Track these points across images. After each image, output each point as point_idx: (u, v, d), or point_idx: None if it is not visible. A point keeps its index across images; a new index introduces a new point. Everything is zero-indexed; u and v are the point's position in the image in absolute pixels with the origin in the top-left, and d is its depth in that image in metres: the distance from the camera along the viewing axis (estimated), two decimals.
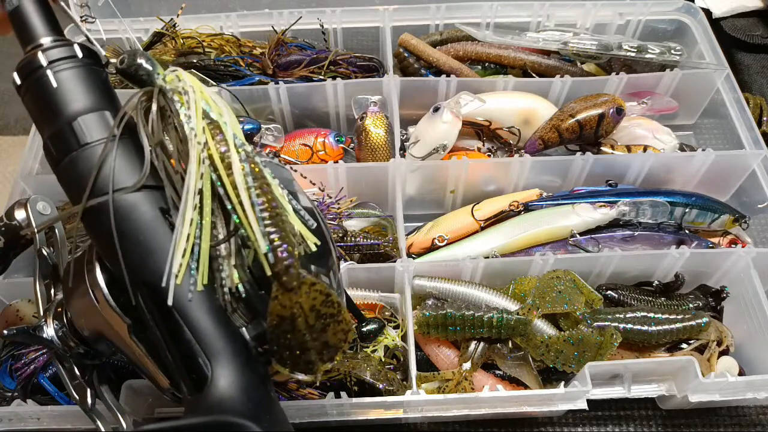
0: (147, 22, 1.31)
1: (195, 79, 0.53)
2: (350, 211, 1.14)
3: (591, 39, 1.29)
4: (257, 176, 0.50)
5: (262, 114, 1.28)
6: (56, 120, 0.54)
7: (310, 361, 0.53)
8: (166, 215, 0.53)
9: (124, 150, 0.53)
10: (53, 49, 0.55)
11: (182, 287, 0.50)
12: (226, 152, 0.50)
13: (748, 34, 1.44)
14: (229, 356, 0.52)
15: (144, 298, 0.52)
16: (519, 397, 0.89)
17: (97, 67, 0.57)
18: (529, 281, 1.00)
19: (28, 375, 0.95)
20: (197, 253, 0.50)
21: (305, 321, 0.51)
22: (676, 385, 0.92)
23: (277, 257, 0.48)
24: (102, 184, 0.52)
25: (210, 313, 0.52)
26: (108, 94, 0.57)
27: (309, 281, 0.50)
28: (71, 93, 0.55)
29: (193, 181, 0.50)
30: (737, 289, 1.02)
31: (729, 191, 1.21)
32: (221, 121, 0.51)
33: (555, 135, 1.17)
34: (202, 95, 0.52)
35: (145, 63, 0.52)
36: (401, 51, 1.32)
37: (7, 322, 1.02)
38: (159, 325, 0.52)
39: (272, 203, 0.50)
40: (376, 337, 0.99)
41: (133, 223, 0.52)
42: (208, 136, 0.50)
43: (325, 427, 0.98)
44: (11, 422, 0.89)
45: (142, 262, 0.52)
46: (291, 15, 1.29)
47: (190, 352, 0.52)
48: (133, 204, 0.52)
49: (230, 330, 0.53)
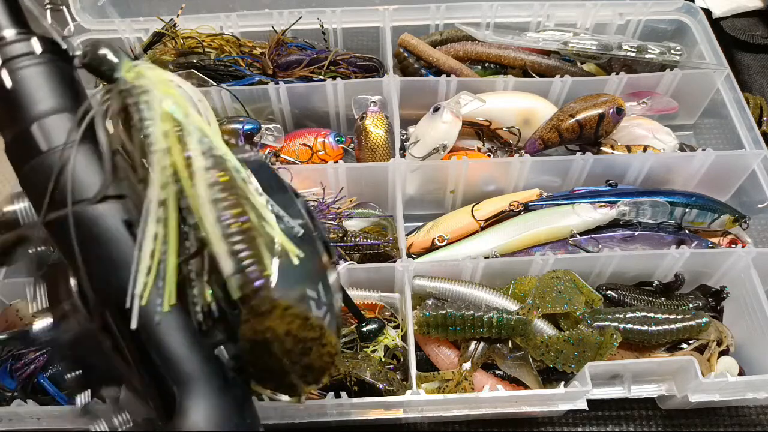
0: (147, 22, 1.31)
1: (162, 73, 0.47)
2: (350, 211, 1.14)
3: (591, 39, 1.29)
4: (225, 186, 0.46)
5: (262, 114, 1.28)
6: (14, 124, 0.49)
7: (292, 383, 0.49)
8: (131, 228, 0.48)
9: (89, 156, 0.49)
10: (11, 44, 0.50)
11: (149, 308, 0.46)
12: (190, 158, 0.45)
13: (748, 34, 1.44)
14: (201, 382, 0.47)
15: (113, 317, 0.48)
16: (519, 397, 0.89)
17: (61, 63, 0.51)
18: (529, 281, 1.00)
19: (28, 375, 0.95)
20: (164, 270, 0.46)
21: (281, 345, 0.47)
22: (676, 385, 0.92)
23: (245, 279, 0.45)
24: (64, 194, 0.47)
25: (180, 334, 0.48)
26: (73, 92, 0.51)
27: (282, 305, 0.46)
28: (29, 94, 0.49)
29: (155, 191, 0.45)
30: (737, 289, 1.02)
31: (729, 191, 1.21)
32: (186, 122, 0.46)
33: (555, 135, 1.17)
34: (167, 92, 0.46)
35: (110, 55, 0.47)
36: (401, 51, 1.32)
37: (7, 322, 1.02)
38: (129, 346, 0.48)
39: (241, 217, 0.45)
40: (376, 337, 0.99)
41: (95, 238, 0.47)
42: (171, 141, 0.45)
43: (325, 427, 0.98)
44: (11, 422, 0.89)
45: (106, 279, 0.48)
46: (291, 15, 1.29)
47: (158, 377, 0.48)
48: (95, 216, 0.47)
49: (204, 352, 0.48)
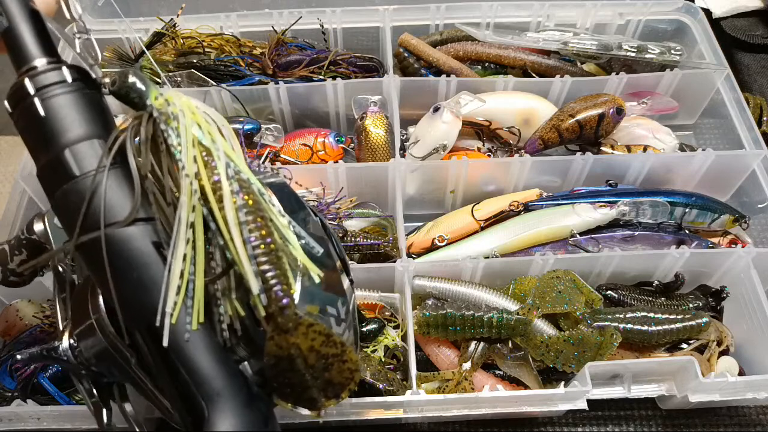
0: (147, 22, 1.31)
1: (188, 101, 0.49)
2: (350, 211, 1.14)
3: (591, 39, 1.29)
4: (252, 209, 0.48)
5: (262, 114, 1.28)
6: (46, 150, 0.51)
7: (313, 398, 0.52)
8: (160, 249, 0.50)
9: (119, 180, 0.50)
10: (43, 74, 0.51)
11: (178, 326, 0.48)
12: (218, 183, 0.47)
13: (748, 34, 1.44)
14: (228, 397, 0.49)
15: (143, 335, 0.50)
16: (519, 397, 0.89)
17: (89, 90, 0.53)
18: (529, 281, 1.00)
19: (28, 375, 0.95)
20: (192, 290, 0.48)
21: (304, 361, 0.49)
22: (676, 385, 0.92)
23: (271, 298, 0.47)
24: (95, 217, 0.49)
25: (208, 351, 0.50)
26: (102, 119, 0.53)
27: (306, 322, 0.48)
28: (61, 121, 0.51)
29: (184, 214, 0.47)
30: (737, 289, 1.02)
31: (729, 191, 1.21)
32: (213, 148, 0.48)
33: (555, 135, 1.17)
34: (195, 118, 0.49)
35: (138, 83, 0.49)
36: (401, 51, 1.32)
37: (7, 322, 1.03)
38: (158, 363, 0.50)
39: (267, 239, 0.47)
40: (376, 337, 0.99)
41: (126, 260, 0.49)
42: (200, 166, 0.48)
43: (325, 427, 0.98)
44: (11, 422, 0.89)
45: (137, 299, 0.49)
46: (291, 15, 1.29)
47: (188, 393, 0.50)
48: (125, 239, 0.49)
49: (230, 368, 0.51)
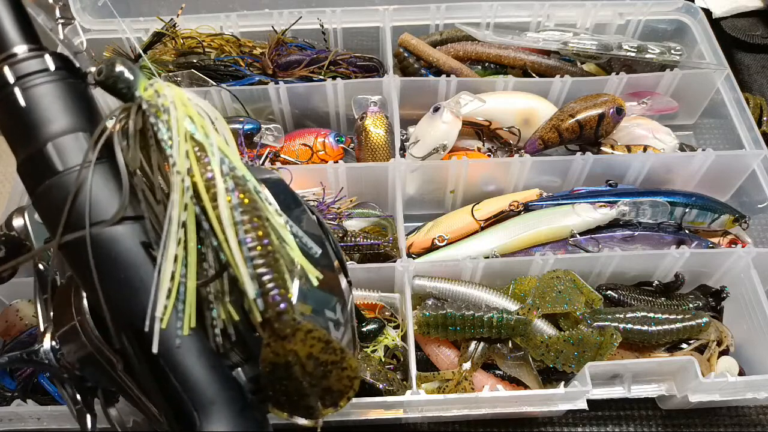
0: (147, 22, 1.31)
1: (180, 92, 0.46)
2: (350, 211, 1.14)
3: (591, 39, 1.29)
4: (248, 208, 0.45)
5: (262, 114, 1.28)
6: (27, 144, 0.47)
7: (310, 406, 0.49)
8: (149, 250, 0.47)
9: (106, 176, 0.47)
10: (24, 61, 0.48)
11: (169, 331, 0.45)
12: (211, 180, 0.44)
13: (748, 34, 1.44)
14: (221, 405, 0.47)
15: (130, 340, 0.47)
16: (519, 397, 0.89)
17: (74, 80, 0.50)
18: (529, 281, 1.00)
19: (28, 375, 0.95)
20: (183, 293, 0.45)
21: (302, 368, 0.46)
22: (676, 385, 0.92)
23: (268, 302, 0.44)
24: (80, 215, 0.46)
25: (200, 357, 0.47)
26: (88, 111, 0.50)
27: (305, 328, 0.45)
28: (43, 113, 0.47)
29: (175, 212, 0.44)
30: (737, 289, 1.02)
31: (729, 191, 1.21)
32: (207, 143, 0.45)
33: (555, 135, 1.17)
34: (187, 111, 0.46)
35: (126, 73, 0.46)
36: (401, 51, 1.32)
37: (7, 322, 1.02)
38: (146, 370, 0.47)
39: (264, 240, 0.45)
40: (376, 337, 0.99)
41: (113, 261, 0.46)
42: (192, 162, 0.44)
43: (326, 427, 0.98)
44: (11, 422, 0.89)
45: (124, 302, 0.46)
46: (291, 15, 1.29)
47: (178, 401, 0.47)
48: (112, 238, 0.46)
49: (223, 375, 0.48)
